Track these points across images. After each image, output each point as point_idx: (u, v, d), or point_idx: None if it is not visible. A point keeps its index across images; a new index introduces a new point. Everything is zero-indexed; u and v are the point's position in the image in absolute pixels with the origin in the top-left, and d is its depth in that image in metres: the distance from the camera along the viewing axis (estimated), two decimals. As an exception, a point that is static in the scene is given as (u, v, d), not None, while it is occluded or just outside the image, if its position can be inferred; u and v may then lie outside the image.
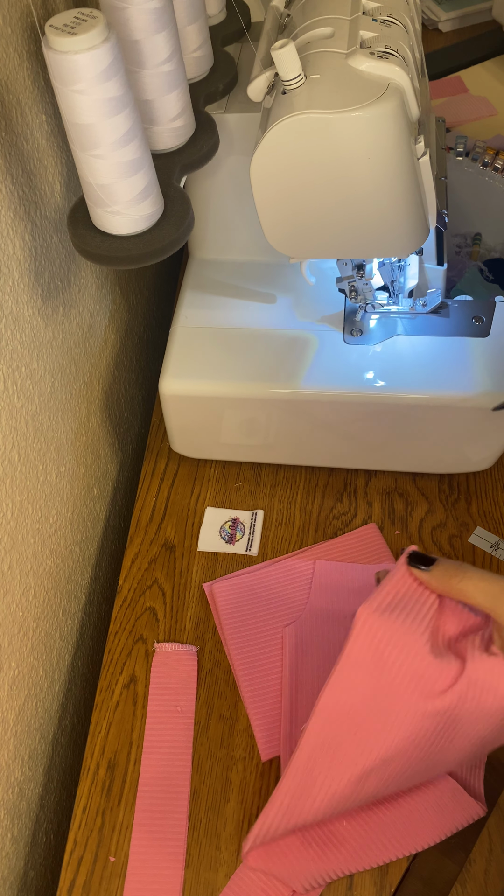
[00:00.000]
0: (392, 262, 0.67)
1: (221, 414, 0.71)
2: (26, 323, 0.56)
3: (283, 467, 0.77)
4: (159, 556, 0.72)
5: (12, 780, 0.60)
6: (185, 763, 0.60)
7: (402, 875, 0.55)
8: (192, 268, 0.78)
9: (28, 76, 0.53)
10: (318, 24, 0.54)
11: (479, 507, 0.73)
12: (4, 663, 0.57)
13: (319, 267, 0.74)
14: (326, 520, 0.73)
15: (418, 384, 0.66)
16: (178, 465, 0.78)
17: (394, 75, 0.50)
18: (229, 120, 0.64)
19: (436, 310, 0.70)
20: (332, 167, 0.52)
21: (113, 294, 0.77)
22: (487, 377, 0.66)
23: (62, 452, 0.65)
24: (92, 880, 0.56)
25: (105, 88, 0.44)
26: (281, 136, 0.51)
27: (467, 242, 0.84)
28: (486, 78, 1.09)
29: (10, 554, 0.56)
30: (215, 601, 0.67)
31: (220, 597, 0.67)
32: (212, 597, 0.68)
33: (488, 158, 0.83)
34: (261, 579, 0.69)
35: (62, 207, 0.60)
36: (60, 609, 0.68)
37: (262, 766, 0.60)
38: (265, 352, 0.69)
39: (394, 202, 0.54)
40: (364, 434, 0.71)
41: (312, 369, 0.68)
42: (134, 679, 0.65)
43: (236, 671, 0.63)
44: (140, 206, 0.51)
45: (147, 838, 0.57)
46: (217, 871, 0.56)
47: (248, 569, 0.70)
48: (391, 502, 0.74)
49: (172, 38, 0.52)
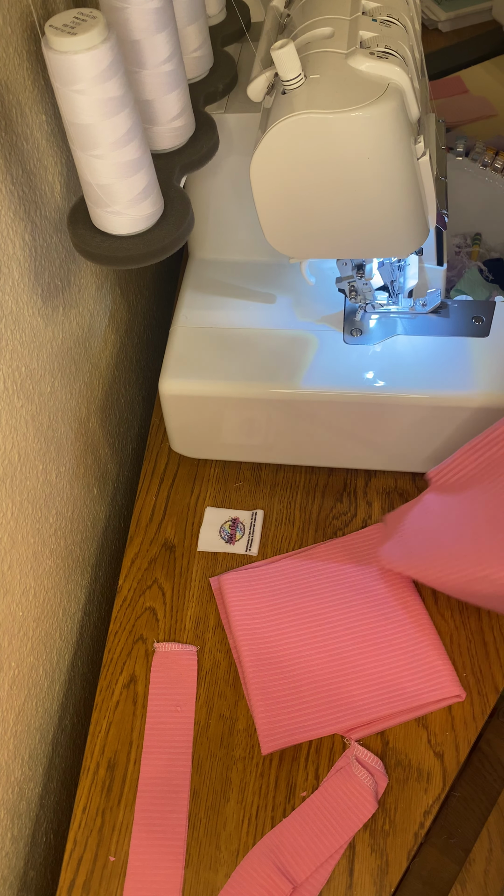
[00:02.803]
0: (392, 262, 0.67)
1: (221, 414, 0.71)
2: (26, 323, 0.56)
3: (283, 467, 0.77)
4: (159, 556, 0.72)
5: (12, 779, 0.60)
6: (185, 763, 0.60)
7: (402, 875, 0.55)
8: (192, 268, 0.78)
9: (28, 76, 0.53)
10: (317, 24, 0.54)
11: (478, 507, 0.73)
12: (4, 663, 0.57)
13: (319, 267, 0.74)
14: (326, 520, 0.73)
15: (418, 384, 0.66)
16: (178, 465, 0.78)
17: (394, 75, 0.50)
18: (229, 120, 0.64)
19: (436, 310, 0.70)
20: (332, 167, 0.52)
21: (113, 294, 0.77)
22: (487, 377, 0.66)
23: (62, 452, 0.65)
24: (92, 880, 0.56)
25: (105, 88, 0.44)
26: (281, 136, 0.51)
27: (467, 242, 0.84)
28: (486, 78, 1.09)
29: (10, 554, 0.56)
30: (223, 592, 0.67)
31: (229, 586, 0.67)
32: (219, 590, 0.68)
33: (488, 158, 0.83)
34: (271, 571, 0.69)
35: (62, 207, 0.60)
36: (60, 609, 0.68)
37: (262, 765, 0.60)
38: (265, 352, 0.69)
39: (394, 202, 0.54)
40: (364, 434, 0.71)
41: (312, 369, 0.68)
42: (134, 679, 0.65)
43: (243, 662, 0.63)
44: (140, 206, 0.51)
45: (147, 838, 0.57)
46: (217, 870, 0.56)
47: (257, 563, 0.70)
48: (391, 502, 0.74)
49: (172, 38, 0.52)
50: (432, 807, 0.57)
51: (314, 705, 0.61)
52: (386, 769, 0.59)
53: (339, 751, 0.60)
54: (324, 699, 0.61)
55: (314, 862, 0.55)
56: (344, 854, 0.56)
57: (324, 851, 0.55)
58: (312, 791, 0.58)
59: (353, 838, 0.56)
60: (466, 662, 0.63)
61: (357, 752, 0.59)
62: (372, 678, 0.62)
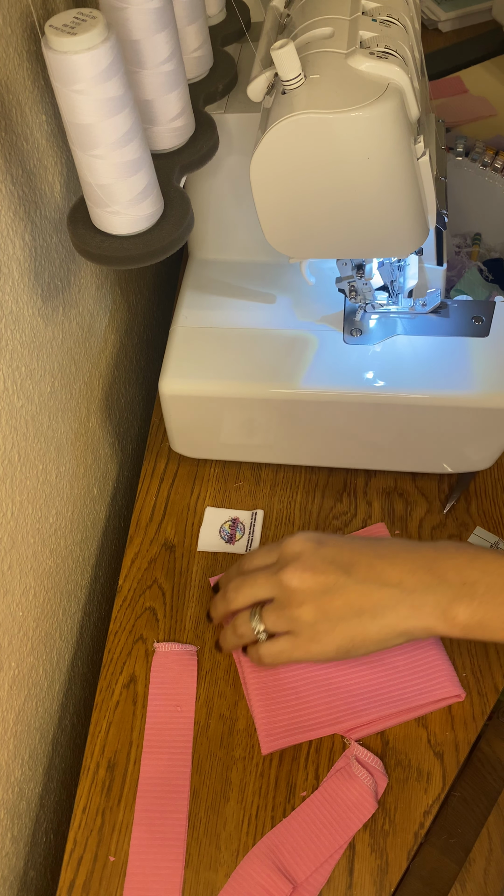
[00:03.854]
0: (392, 262, 0.67)
1: (221, 414, 0.71)
2: (26, 323, 0.56)
3: (283, 467, 0.77)
4: (159, 556, 0.72)
5: (12, 779, 0.60)
6: (184, 763, 0.60)
7: (402, 875, 0.55)
8: (192, 268, 0.78)
9: (28, 76, 0.53)
10: (317, 24, 0.54)
11: (478, 507, 0.73)
12: (4, 663, 0.57)
13: (319, 267, 0.74)
14: (326, 520, 0.73)
15: (418, 384, 0.66)
16: (178, 465, 0.78)
17: (393, 75, 0.50)
18: (229, 120, 0.64)
19: (436, 310, 0.70)
20: (332, 167, 0.52)
21: (113, 294, 0.77)
22: (487, 377, 0.66)
23: (62, 452, 0.65)
24: (92, 880, 0.56)
25: (105, 88, 0.44)
26: (281, 136, 0.51)
27: (467, 242, 0.84)
28: (486, 78, 1.09)
29: (10, 554, 0.56)
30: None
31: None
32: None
33: (488, 158, 0.83)
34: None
35: (62, 207, 0.60)
36: (60, 609, 0.68)
37: (262, 765, 0.60)
38: (265, 352, 0.69)
39: (394, 202, 0.54)
40: (364, 434, 0.71)
41: (312, 369, 0.68)
42: (134, 679, 0.65)
43: (243, 662, 0.63)
44: (140, 206, 0.51)
45: (147, 838, 0.57)
46: (217, 870, 0.56)
47: None
48: (391, 502, 0.74)
49: (172, 38, 0.52)
50: (432, 807, 0.57)
51: (314, 705, 0.61)
52: (386, 769, 0.59)
53: (339, 751, 0.60)
54: (324, 699, 0.61)
55: (314, 862, 0.55)
56: (344, 854, 0.56)
57: (324, 851, 0.56)
58: (312, 791, 0.58)
59: (353, 838, 0.56)
60: (466, 662, 0.63)
61: (357, 752, 0.59)
62: (372, 678, 0.62)
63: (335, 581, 0.54)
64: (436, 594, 0.52)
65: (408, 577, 0.53)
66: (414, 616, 0.53)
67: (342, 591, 0.54)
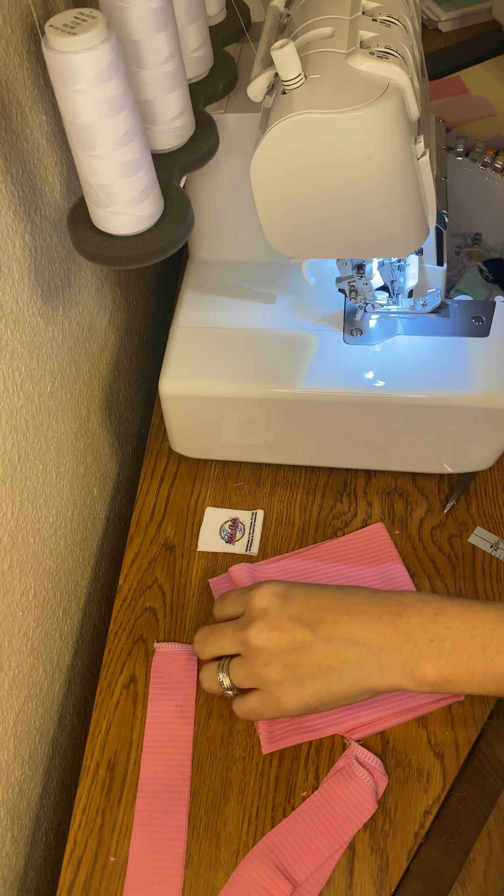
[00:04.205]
0: (392, 262, 0.67)
1: (221, 414, 0.71)
2: (26, 323, 0.56)
3: (283, 467, 0.77)
4: (159, 556, 0.72)
5: (12, 779, 0.60)
6: (185, 763, 0.60)
7: (402, 875, 0.55)
8: (192, 268, 0.78)
9: (28, 76, 0.53)
10: (317, 24, 0.54)
11: (478, 506, 0.73)
12: (4, 663, 0.57)
13: (319, 267, 0.74)
14: (326, 520, 0.73)
15: (418, 384, 0.66)
16: (178, 465, 0.78)
17: (394, 75, 0.50)
18: (229, 120, 0.64)
19: (436, 310, 0.70)
20: (332, 167, 0.52)
21: (113, 294, 0.77)
22: (487, 377, 0.66)
23: (62, 452, 0.65)
24: (92, 880, 0.56)
25: (105, 88, 0.44)
26: (281, 136, 0.51)
27: (467, 242, 0.84)
28: (486, 78, 1.09)
29: (10, 554, 0.56)
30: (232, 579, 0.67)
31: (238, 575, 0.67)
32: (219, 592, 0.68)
33: (488, 158, 0.83)
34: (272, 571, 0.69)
35: (62, 207, 0.60)
36: (60, 609, 0.68)
37: (262, 765, 0.60)
38: (265, 352, 0.69)
39: (394, 202, 0.54)
40: (364, 434, 0.71)
41: (312, 369, 0.68)
42: (134, 679, 0.65)
43: None
44: (140, 206, 0.51)
45: (147, 838, 0.57)
46: (217, 870, 0.56)
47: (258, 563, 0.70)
48: (391, 502, 0.74)
49: (172, 38, 0.52)
50: (432, 807, 0.58)
51: None
52: (386, 769, 0.59)
53: (339, 751, 0.60)
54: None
55: (314, 862, 0.55)
56: (344, 854, 0.56)
57: (324, 851, 0.56)
58: (312, 791, 0.58)
59: (353, 838, 0.56)
60: (466, 662, 0.63)
61: (357, 752, 0.59)
62: None
63: (301, 640, 0.54)
64: (402, 653, 0.52)
65: (374, 636, 0.53)
66: (381, 675, 0.53)
67: (308, 650, 0.54)
